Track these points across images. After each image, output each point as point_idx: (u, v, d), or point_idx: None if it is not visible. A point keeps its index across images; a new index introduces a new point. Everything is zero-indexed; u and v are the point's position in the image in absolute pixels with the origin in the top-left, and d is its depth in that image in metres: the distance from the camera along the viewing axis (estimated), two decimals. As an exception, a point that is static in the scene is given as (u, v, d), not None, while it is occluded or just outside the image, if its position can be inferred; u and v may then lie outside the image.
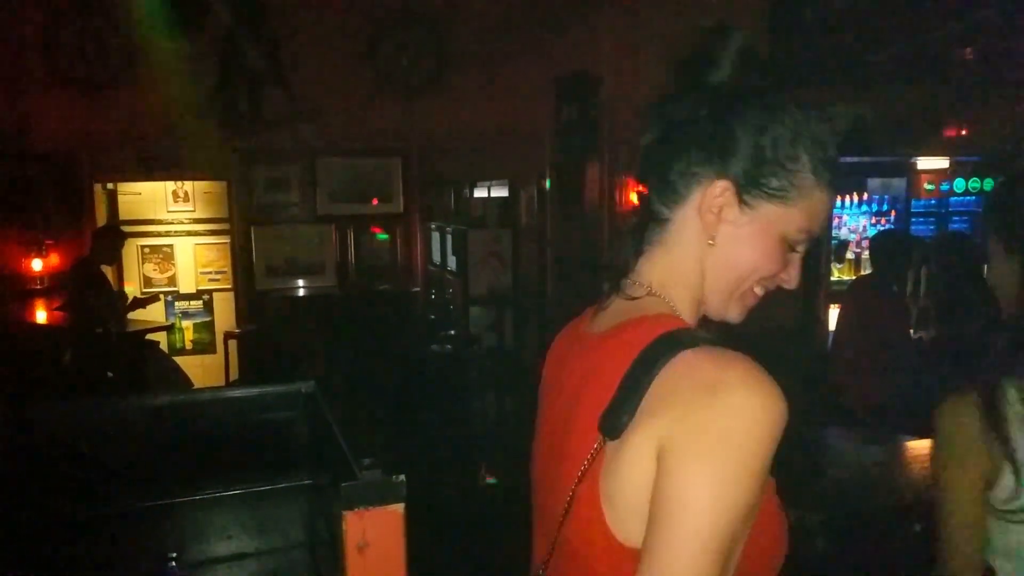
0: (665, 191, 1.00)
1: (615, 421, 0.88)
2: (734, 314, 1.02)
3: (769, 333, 5.40)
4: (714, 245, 0.98)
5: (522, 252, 6.70)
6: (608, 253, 1.11)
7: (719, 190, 0.96)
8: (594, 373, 0.97)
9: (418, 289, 7.02)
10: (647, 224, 1.02)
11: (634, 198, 5.14)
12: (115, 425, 1.52)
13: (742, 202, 0.96)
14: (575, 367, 1.04)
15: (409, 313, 6.79)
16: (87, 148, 6.19)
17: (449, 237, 6.93)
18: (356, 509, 1.00)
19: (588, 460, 0.91)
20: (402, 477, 1.02)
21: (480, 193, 7.49)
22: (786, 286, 1.02)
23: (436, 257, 7.34)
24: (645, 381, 0.88)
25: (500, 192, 7.18)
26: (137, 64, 6.08)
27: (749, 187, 0.96)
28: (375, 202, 6.89)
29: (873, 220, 5.73)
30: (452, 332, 6.63)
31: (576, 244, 5.85)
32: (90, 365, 5.29)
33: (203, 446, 1.52)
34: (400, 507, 1.02)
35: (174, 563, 1.47)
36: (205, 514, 1.52)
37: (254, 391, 1.58)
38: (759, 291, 1.02)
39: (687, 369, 0.87)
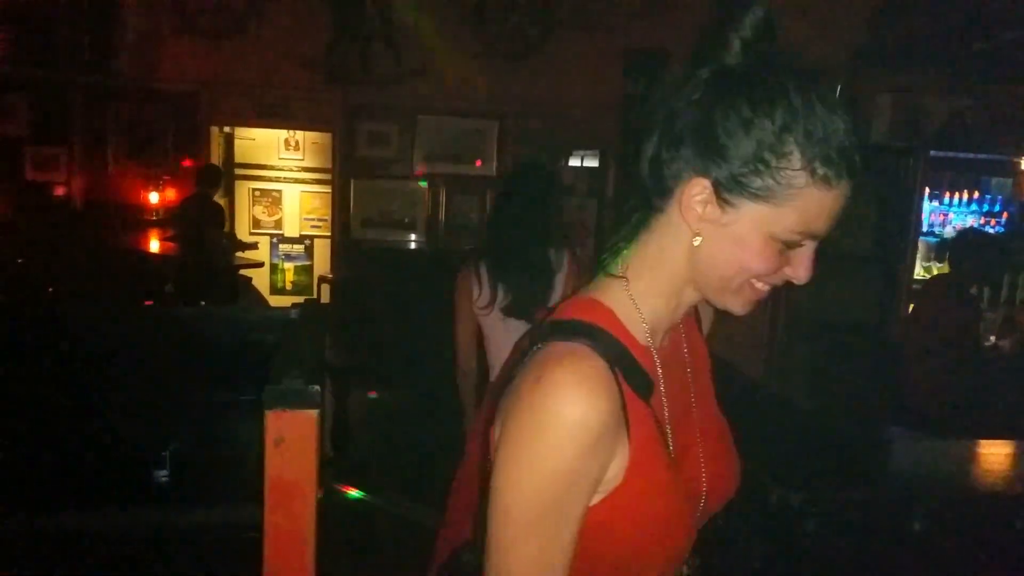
0: (654, 180, 0.97)
1: (497, 391, 0.98)
2: (735, 307, 0.98)
3: (846, 327, 5.24)
4: (699, 243, 0.94)
5: (607, 223, 6.70)
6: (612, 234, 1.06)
7: (698, 188, 0.92)
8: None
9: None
10: (640, 208, 1.01)
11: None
12: (134, 329, 1.73)
13: (723, 201, 0.91)
14: None
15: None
16: (207, 92, 6.65)
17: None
18: (275, 410, 1.12)
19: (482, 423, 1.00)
20: (316, 387, 1.14)
21: (574, 162, 7.51)
22: (795, 282, 0.97)
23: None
24: (517, 368, 0.95)
25: (592, 163, 7.18)
26: (257, 15, 6.46)
27: (730, 186, 0.90)
28: (479, 163, 7.05)
29: (983, 220, 5.40)
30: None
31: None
32: (187, 295, 5.76)
33: (205, 356, 1.70)
34: (314, 412, 1.14)
35: (167, 456, 1.66)
36: (199, 418, 1.70)
37: (248, 314, 1.75)
38: (761, 286, 0.97)
39: (536, 358, 0.92)
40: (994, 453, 2.78)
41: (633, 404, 0.93)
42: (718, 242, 0.94)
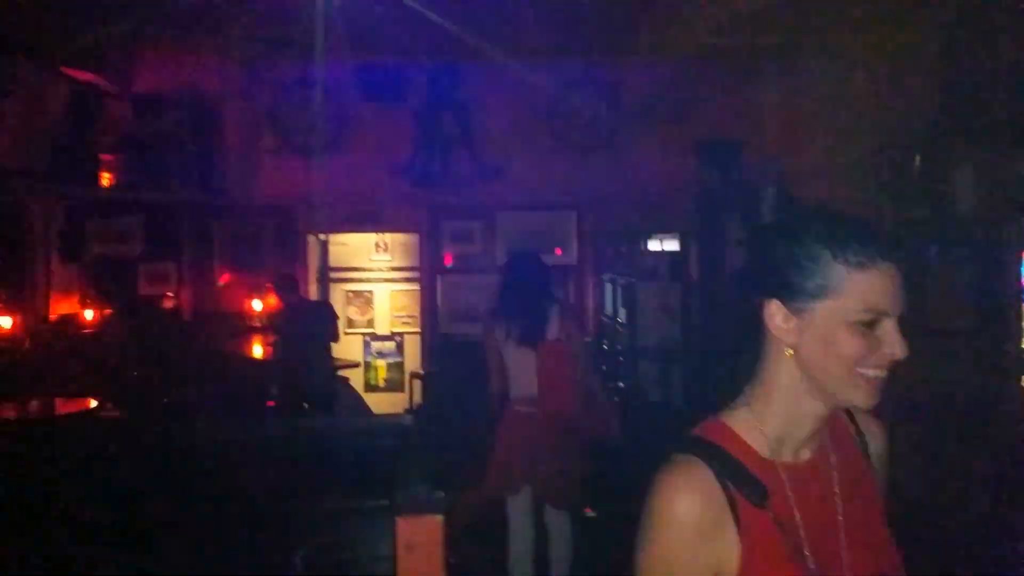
0: (754, 310, 1.16)
1: None
2: (858, 400, 1.11)
3: (953, 410, 5.00)
4: (794, 353, 1.11)
5: (693, 307, 6.71)
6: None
7: (772, 309, 1.12)
8: None
9: (590, 339, 7.22)
10: (751, 344, 1.19)
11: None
12: (259, 441, 1.88)
13: (794, 311, 1.10)
14: None
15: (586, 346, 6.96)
16: (304, 203, 7.12)
17: (620, 289, 7.09)
18: (404, 516, 1.24)
19: None
20: (442, 493, 1.25)
21: (654, 246, 7.61)
22: (896, 357, 1.08)
23: (608, 308, 7.51)
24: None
25: (673, 246, 7.26)
26: (347, 131, 6.95)
27: (793, 297, 1.10)
28: (559, 251, 7.24)
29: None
30: (620, 384, 6.74)
31: (720, 303, 5.82)
32: (291, 398, 6.02)
33: (326, 463, 1.83)
34: (439, 517, 1.24)
35: (299, 561, 1.77)
36: (323, 523, 1.82)
37: (363, 421, 1.88)
38: (870, 373, 1.08)
39: (661, 466, 1.14)
40: None
41: (746, 508, 1.08)
42: (809, 346, 1.10)
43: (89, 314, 6.96)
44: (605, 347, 7.34)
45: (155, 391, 6.28)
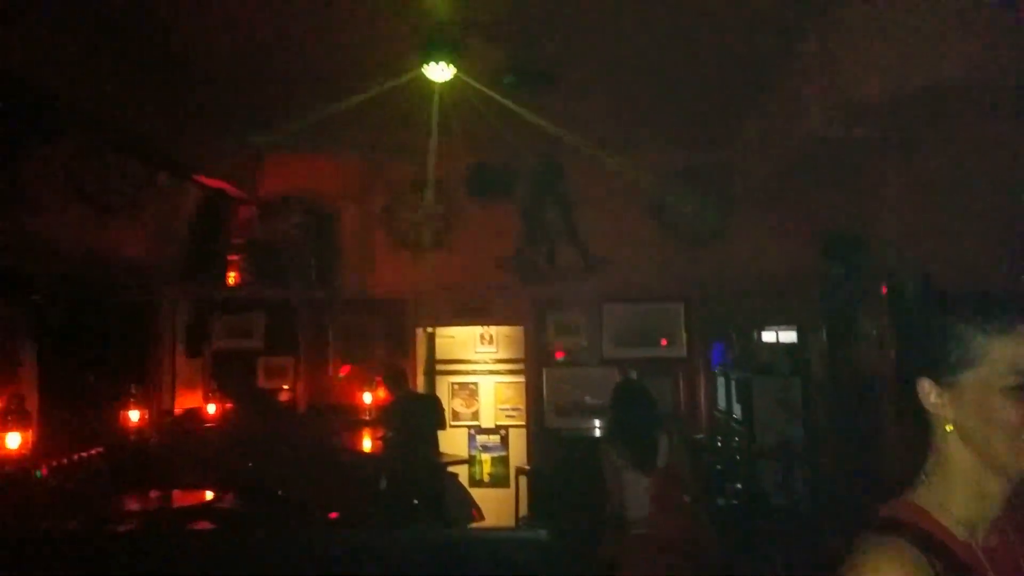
0: (912, 393, 1.20)
1: None
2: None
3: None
4: (955, 429, 1.15)
5: (815, 403, 6.36)
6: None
7: (925, 387, 1.17)
8: None
9: (702, 436, 6.96)
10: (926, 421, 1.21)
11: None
12: (377, 552, 1.85)
13: (945, 385, 1.15)
14: None
15: (694, 460, 6.70)
16: (413, 298, 7.29)
17: (734, 383, 6.83)
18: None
19: None
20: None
21: (768, 337, 7.33)
22: None
23: (721, 403, 7.23)
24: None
25: (789, 337, 6.97)
26: (456, 227, 7.15)
27: (940, 373, 1.15)
28: (664, 343, 7.09)
29: None
30: (738, 486, 6.41)
31: (851, 400, 5.47)
32: (400, 492, 6.02)
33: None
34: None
35: None
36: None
37: (497, 534, 1.82)
38: None
39: (856, 549, 1.13)
40: None
41: None
42: (968, 420, 1.13)
43: (211, 408, 7.26)
44: (720, 445, 7.03)
45: (270, 484, 6.41)
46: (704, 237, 6.84)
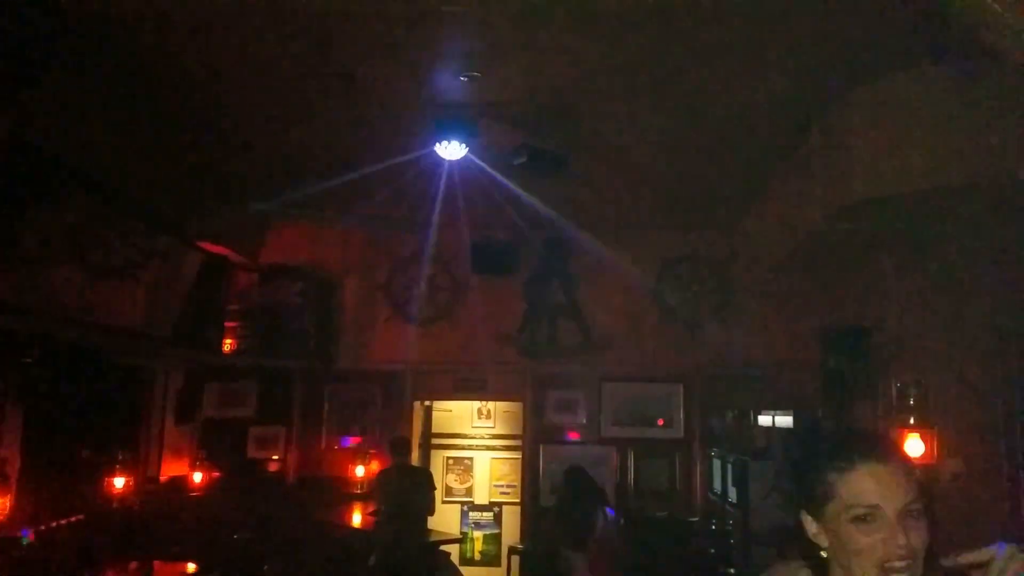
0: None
1: None
2: None
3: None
4: (828, 556, 1.32)
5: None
6: None
7: (805, 520, 1.36)
8: None
9: (697, 519, 6.89)
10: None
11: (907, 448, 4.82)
12: None
13: (816, 518, 1.33)
14: None
15: (687, 543, 6.63)
16: (412, 370, 7.27)
17: (730, 466, 6.79)
18: None
19: None
20: None
21: (764, 420, 7.34)
22: (900, 549, 1.23)
23: (716, 486, 7.18)
24: None
25: (785, 421, 6.98)
26: (457, 302, 7.19)
27: (811, 506, 1.34)
28: (660, 422, 7.08)
29: None
30: (732, 571, 6.31)
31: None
32: (390, 570, 5.87)
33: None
34: None
35: None
36: None
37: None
38: (899, 564, 1.23)
39: None
40: None
41: None
42: (834, 547, 1.30)
43: (198, 476, 7.09)
44: (714, 527, 6.94)
45: (256, 557, 6.24)
46: (702, 321, 6.92)
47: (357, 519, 6.86)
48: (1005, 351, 4.82)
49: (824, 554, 1.33)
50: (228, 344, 7.34)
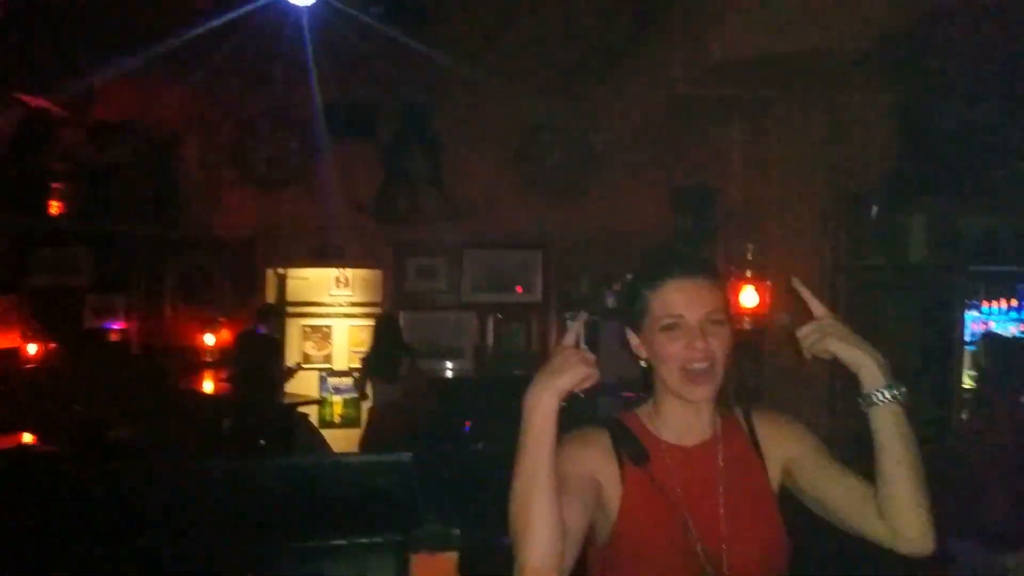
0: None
1: None
2: (690, 395, 1.47)
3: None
4: (647, 364, 1.51)
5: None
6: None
7: (630, 335, 1.55)
8: None
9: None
10: None
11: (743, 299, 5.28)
12: (241, 481, 1.85)
13: (637, 332, 1.52)
14: None
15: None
16: (263, 237, 6.99)
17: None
18: (419, 553, 1.27)
19: None
20: (457, 531, 1.29)
21: (618, 287, 7.74)
22: (698, 351, 1.42)
23: (570, 346, 7.58)
24: None
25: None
26: (312, 165, 6.89)
27: (633, 323, 1.52)
28: (519, 289, 7.29)
29: (1022, 327, 5.55)
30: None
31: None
32: (246, 433, 5.87)
33: (316, 503, 1.81)
34: (454, 554, 1.28)
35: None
36: (320, 560, 1.79)
37: (363, 459, 1.89)
38: (697, 367, 1.43)
39: None
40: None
41: (630, 467, 1.45)
42: (650, 356, 1.49)
43: (32, 348, 6.64)
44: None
45: (98, 427, 6.04)
46: (562, 188, 7.05)
47: (209, 386, 6.73)
48: (835, 213, 5.29)
49: (644, 364, 1.51)
50: (55, 207, 6.73)
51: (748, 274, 5.15)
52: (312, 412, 7.45)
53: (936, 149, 4.84)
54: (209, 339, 7.01)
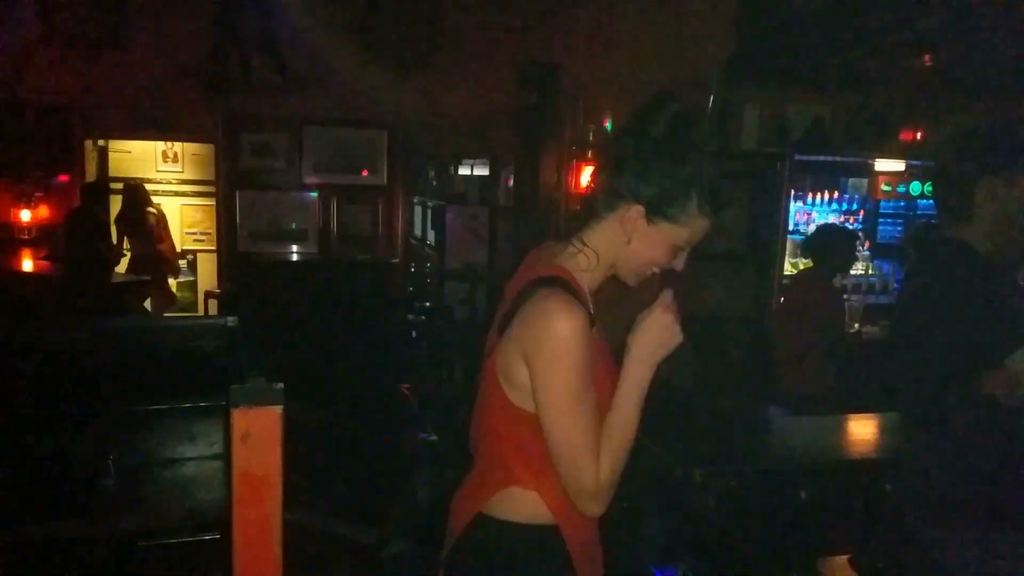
0: (606, 198, 1.46)
1: (503, 325, 1.44)
2: (633, 283, 1.52)
3: (725, 319, 5.61)
4: (628, 244, 1.44)
5: (499, 230, 6.86)
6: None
7: (634, 212, 1.42)
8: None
9: (397, 260, 7.18)
10: (592, 214, 1.50)
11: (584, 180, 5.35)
12: (70, 344, 1.71)
13: (650, 220, 1.42)
14: (511, 291, 1.52)
15: (387, 283, 6.95)
16: (79, 105, 6.33)
17: (430, 211, 7.08)
18: (240, 407, 1.18)
19: (490, 350, 1.47)
20: (280, 385, 1.21)
21: (464, 171, 7.64)
22: (676, 270, 1.49)
23: (417, 231, 7.49)
24: (522, 303, 1.40)
25: (482, 171, 7.33)
26: (132, 25, 6.22)
27: (654, 212, 1.41)
28: (365, 173, 7.04)
29: (842, 218, 5.90)
30: (428, 304, 6.81)
31: (534, 223, 6.05)
32: (73, 311, 5.46)
33: (143, 367, 1.70)
34: (279, 408, 1.21)
35: (111, 463, 1.65)
36: (141, 425, 1.70)
37: (187, 322, 1.78)
38: (654, 271, 1.49)
39: (535, 301, 1.38)
40: (862, 425, 3.11)
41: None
42: (640, 245, 1.45)
43: None
44: (413, 269, 7.33)
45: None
46: (410, 64, 6.74)
47: (28, 265, 6.19)
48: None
49: (625, 241, 1.46)
50: None
51: (589, 155, 5.16)
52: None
53: (771, 37, 4.93)
54: (25, 215, 6.40)
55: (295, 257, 6.94)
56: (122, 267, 6.59)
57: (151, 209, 6.69)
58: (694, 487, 2.53)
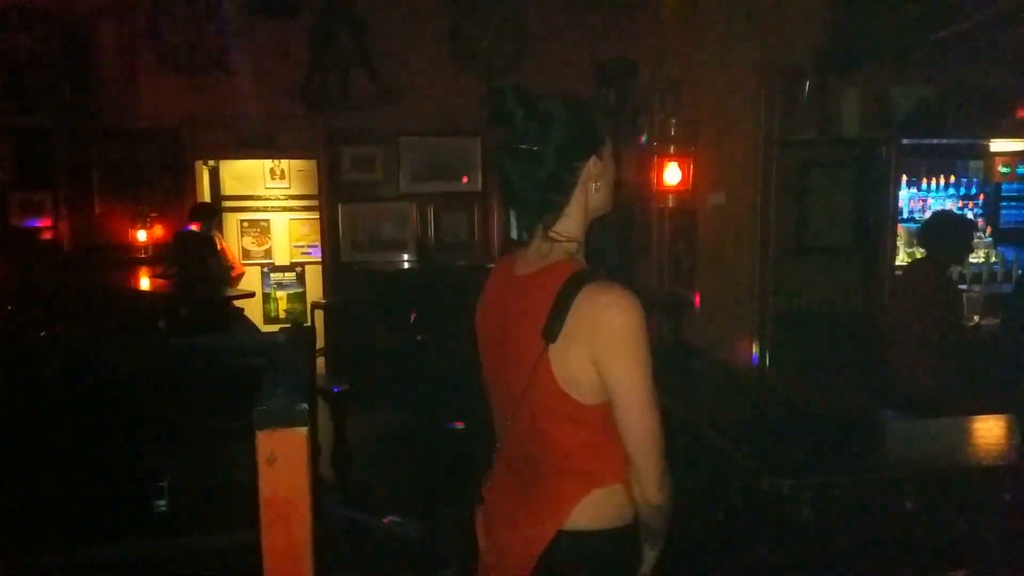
0: (560, 186, 1.51)
1: (553, 331, 1.41)
2: (611, 207, 1.60)
3: (835, 315, 5.28)
4: (595, 190, 1.54)
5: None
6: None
7: (593, 162, 1.53)
8: (529, 301, 1.48)
9: (494, 265, 7.17)
10: (553, 211, 1.53)
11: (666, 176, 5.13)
12: (128, 363, 1.77)
13: (600, 159, 1.54)
14: (510, 300, 1.54)
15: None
16: (189, 128, 6.70)
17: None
18: (265, 430, 1.17)
19: (537, 356, 1.43)
20: (304, 405, 1.18)
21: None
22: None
23: (514, 234, 7.47)
24: (567, 305, 1.40)
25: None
26: (235, 50, 6.53)
27: (600, 152, 1.54)
28: (465, 180, 7.10)
29: (960, 203, 5.47)
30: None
31: (620, 220, 5.90)
32: (181, 330, 5.77)
33: (198, 386, 1.73)
34: (303, 429, 1.18)
35: (165, 485, 1.69)
36: (198, 444, 1.74)
37: (241, 340, 1.79)
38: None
39: (591, 299, 1.40)
40: (981, 428, 2.83)
41: None
42: (603, 179, 1.55)
43: (-44, 248, 6.45)
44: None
45: (31, 325, 5.94)
46: (500, 68, 6.75)
47: (145, 283, 6.60)
48: (768, 92, 5.09)
49: (597, 186, 1.56)
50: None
51: (671, 150, 4.97)
52: (256, 309, 7.39)
53: (871, 19, 4.61)
54: (141, 235, 6.83)
55: (406, 265, 7.07)
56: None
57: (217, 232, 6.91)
58: (783, 499, 2.37)
